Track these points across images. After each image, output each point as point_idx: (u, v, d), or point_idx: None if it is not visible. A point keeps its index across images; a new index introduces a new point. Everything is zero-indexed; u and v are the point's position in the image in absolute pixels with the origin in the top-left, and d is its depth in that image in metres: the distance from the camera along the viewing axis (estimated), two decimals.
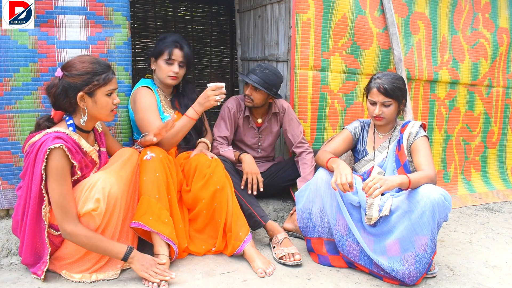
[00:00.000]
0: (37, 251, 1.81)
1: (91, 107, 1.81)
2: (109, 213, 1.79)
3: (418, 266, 1.87)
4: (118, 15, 2.29)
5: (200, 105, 2.17)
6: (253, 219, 2.27)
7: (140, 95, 2.26)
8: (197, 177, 2.16)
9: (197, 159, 2.23)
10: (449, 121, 3.51)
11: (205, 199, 2.14)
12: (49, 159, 1.69)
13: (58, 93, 1.77)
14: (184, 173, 2.25)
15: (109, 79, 1.81)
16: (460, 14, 3.47)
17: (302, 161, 2.62)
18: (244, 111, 2.68)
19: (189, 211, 2.23)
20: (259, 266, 1.99)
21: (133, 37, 5.16)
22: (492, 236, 2.69)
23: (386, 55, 3.09)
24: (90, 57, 1.83)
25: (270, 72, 2.52)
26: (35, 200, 1.73)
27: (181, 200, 2.24)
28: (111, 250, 1.76)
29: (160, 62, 2.31)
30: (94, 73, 1.77)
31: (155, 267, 1.81)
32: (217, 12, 5.87)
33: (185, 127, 2.18)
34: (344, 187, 1.92)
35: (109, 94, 1.83)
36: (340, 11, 2.88)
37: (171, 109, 2.39)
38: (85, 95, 1.78)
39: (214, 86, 2.13)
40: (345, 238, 2.05)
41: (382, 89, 2.09)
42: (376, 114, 2.14)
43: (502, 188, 3.76)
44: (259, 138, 2.77)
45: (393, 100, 2.12)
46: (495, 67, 3.68)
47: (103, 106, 1.82)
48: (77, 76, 1.76)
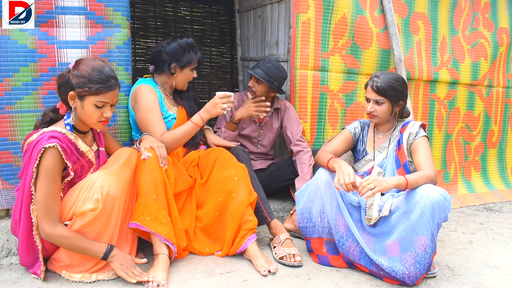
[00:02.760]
0: (33, 251, 1.80)
1: (79, 110, 1.81)
2: (108, 213, 1.79)
3: (418, 266, 1.87)
4: (118, 15, 2.29)
5: (207, 112, 2.17)
6: (260, 213, 2.25)
7: (141, 93, 2.22)
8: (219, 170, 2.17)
9: (216, 153, 2.25)
10: (449, 121, 3.51)
11: (222, 198, 2.14)
12: (42, 157, 1.69)
13: (61, 84, 1.81)
14: (200, 167, 2.26)
15: (101, 91, 1.76)
16: (460, 14, 3.47)
17: (300, 161, 2.62)
18: None
19: (198, 208, 2.22)
20: (262, 264, 1.99)
21: (133, 37, 5.16)
22: (492, 236, 2.69)
23: (386, 55, 3.09)
24: (99, 63, 1.80)
25: (272, 66, 2.64)
26: (27, 198, 1.74)
27: (189, 197, 2.23)
28: (91, 250, 1.76)
29: (186, 70, 2.32)
30: (89, 80, 1.76)
31: (133, 268, 1.82)
32: (217, 12, 5.87)
33: (189, 133, 2.18)
34: (348, 187, 1.92)
35: (98, 106, 1.79)
36: (340, 11, 2.88)
37: (174, 106, 2.38)
38: (75, 96, 1.78)
39: (222, 95, 2.15)
40: (345, 238, 2.05)
41: (374, 87, 2.13)
42: (368, 111, 2.18)
43: (502, 188, 3.76)
44: (259, 133, 2.81)
45: (385, 99, 2.12)
46: (495, 67, 3.68)
47: (89, 114, 1.80)
48: (75, 76, 1.77)
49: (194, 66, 2.34)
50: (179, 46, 2.27)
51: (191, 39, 2.33)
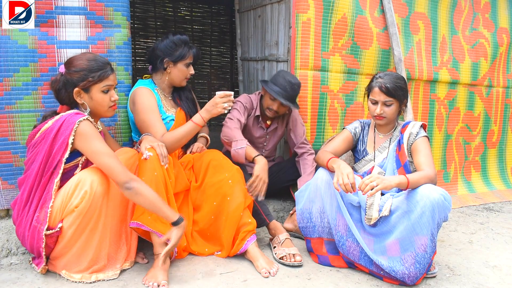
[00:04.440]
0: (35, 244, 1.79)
1: (89, 103, 1.86)
2: (96, 209, 1.78)
3: (418, 266, 1.87)
4: (118, 15, 2.29)
5: (207, 112, 2.17)
6: (259, 216, 2.26)
7: (139, 96, 2.22)
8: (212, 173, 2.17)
9: (210, 155, 2.24)
10: (449, 121, 3.51)
11: (217, 202, 2.14)
12: (80, 129, 1.72)
13: (59, 88, 1.84)
14: (194, 170, 2.25)
15: (104, 76, 1.85)
16: (460, 14, 3.47)
17: (303, 162, 2.62)
18: (255, 111, 2.67)
19: (195, 211, 2.23)
20: (263, 266, 1.99)
21: (133, 37, 5.17)
22: (492, 236, 2.69)
23: (386, 55, 3.09)
24: (90, 55, 1.88)
25: (296, 85, 2.51)
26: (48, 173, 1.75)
27: (185, 199, 2.23)
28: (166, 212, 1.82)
29: (180, 66, 2.30)
30: (90, 70, 1.82)
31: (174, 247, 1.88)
32: (217, 12, 5.88)
33: (190, 133, 2.18)
34: (347, 188, 1.92)
35: (105, 91, 1.87)
36: (340, 11, 2.88)
37: (172, 107, 2.37)
38: (81, 91, 1.83)
39: (222, 94, 2.14)
40: (345, 238, 2.05)
41: (384, 88, 2.09)
42: (377, 113, 2.14)
43: (502, 188, 3.76)
44: (266, 138, 2.77)
45: (394, 100, 2.12)
46: (495, 67, 3.68)
47: (99, 102, 1.87)
48: (74, 73, 1.82)
49: (188, 61, 2.30)
50: (171, 42, 2.28)
51: (185, 35, 2.33)
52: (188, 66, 2.33)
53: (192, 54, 2.31)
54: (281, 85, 2.48)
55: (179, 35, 2.31)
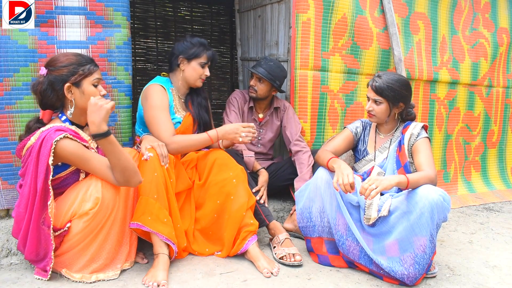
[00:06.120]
0: (42, 248, 1.78)
1: (79, 98, 1.82)
2: (107, 213, 1.79)
3: (417, 267, 1.87)
4: (118, 15, 2.29)
5: (225, 133, 2.20)
6: (258, 216, 2.26)
7: (152, 92, 2.22)
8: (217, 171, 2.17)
9: (215, 154, 2.24)
10: (449, 121, 3.51)
11: (220, 200, 2.13)
12: (59, 150, 1.69)
13: (44, 89, 1.79)
14: (198, 168, 2.26)
15: (93, 69, 1.84)
16: (460, 14, 3.47)
17: (298, 161, 2.63)
18: (248, 103, 2.79)
19: (197, 209, 2.22)
20: (265, 266, 1.99)
21: (133, 37, 5.16)
22: (492, 236, 2.69)
23: (386, 55, 3.09)
24: (73, 52, 1.90)
25: (274, 64, 2.66)
26: (40, 195, 1.71)
27: (188, 198, 2.23)
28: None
29: (194, 64, 2.30)
30: (79, 64, 1.80)
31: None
32: (217, 12, 5.88)
33: (201, 144, 2.20)
34: (346, 188, 1.92)
35: (95, 84, 1.85)
36: (340, 11, 2.88)
37: (183, 110, 2.36)
38: (72, 86, 1.80)
39: (246, 124, 2.22)
40: (345, 237, 2.05)
41: (373, 86, 2.13)
42: (366, 109, 2.19)
43: (502, 188, 3.76)
44: (260, 132, 2.82)
45: (383, 99, 2.12)
46: (495, 67, 3.68)
47: (91, 96, 1.80)
48: (62, 68, 1.78)
49: (203, 61, 2.30)
50: (189, 43, 2.31)
51: (204, 39, 2.35)
52: (203, 67, 2.32)
53: (207, 54, 2.31)
54: (258, 62, 2.70)
55: (198, 38, 2.34)
